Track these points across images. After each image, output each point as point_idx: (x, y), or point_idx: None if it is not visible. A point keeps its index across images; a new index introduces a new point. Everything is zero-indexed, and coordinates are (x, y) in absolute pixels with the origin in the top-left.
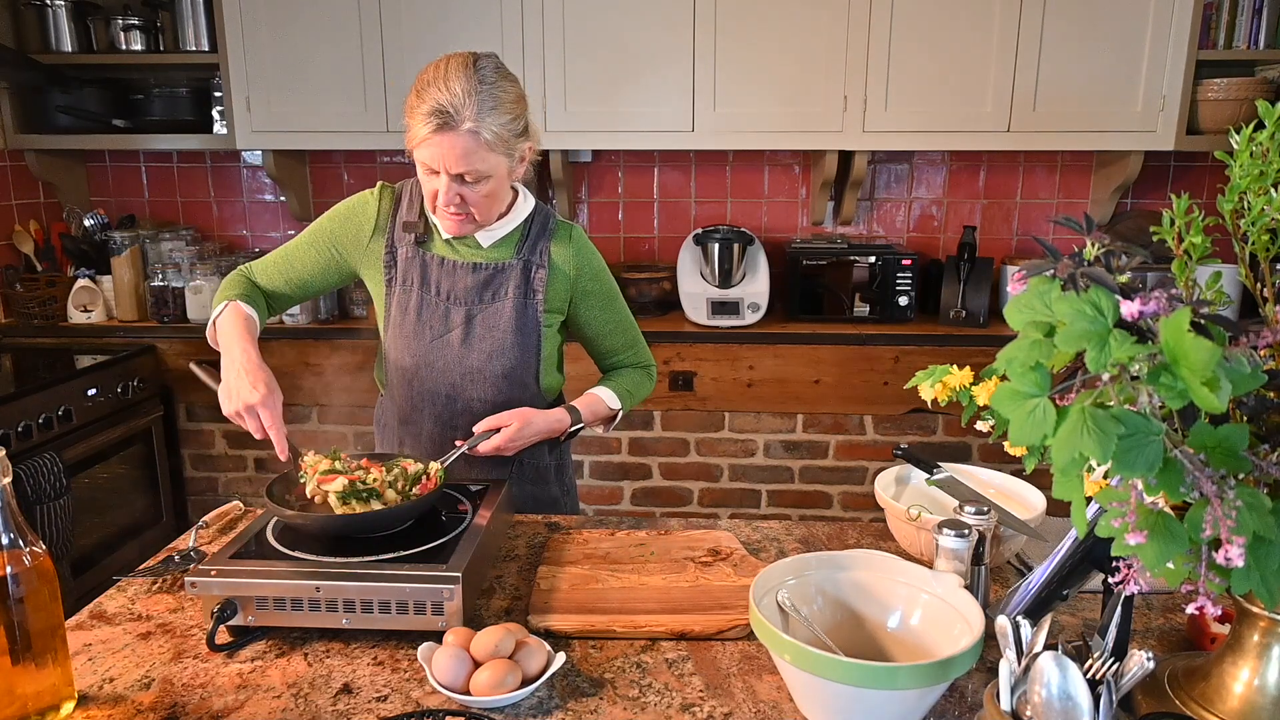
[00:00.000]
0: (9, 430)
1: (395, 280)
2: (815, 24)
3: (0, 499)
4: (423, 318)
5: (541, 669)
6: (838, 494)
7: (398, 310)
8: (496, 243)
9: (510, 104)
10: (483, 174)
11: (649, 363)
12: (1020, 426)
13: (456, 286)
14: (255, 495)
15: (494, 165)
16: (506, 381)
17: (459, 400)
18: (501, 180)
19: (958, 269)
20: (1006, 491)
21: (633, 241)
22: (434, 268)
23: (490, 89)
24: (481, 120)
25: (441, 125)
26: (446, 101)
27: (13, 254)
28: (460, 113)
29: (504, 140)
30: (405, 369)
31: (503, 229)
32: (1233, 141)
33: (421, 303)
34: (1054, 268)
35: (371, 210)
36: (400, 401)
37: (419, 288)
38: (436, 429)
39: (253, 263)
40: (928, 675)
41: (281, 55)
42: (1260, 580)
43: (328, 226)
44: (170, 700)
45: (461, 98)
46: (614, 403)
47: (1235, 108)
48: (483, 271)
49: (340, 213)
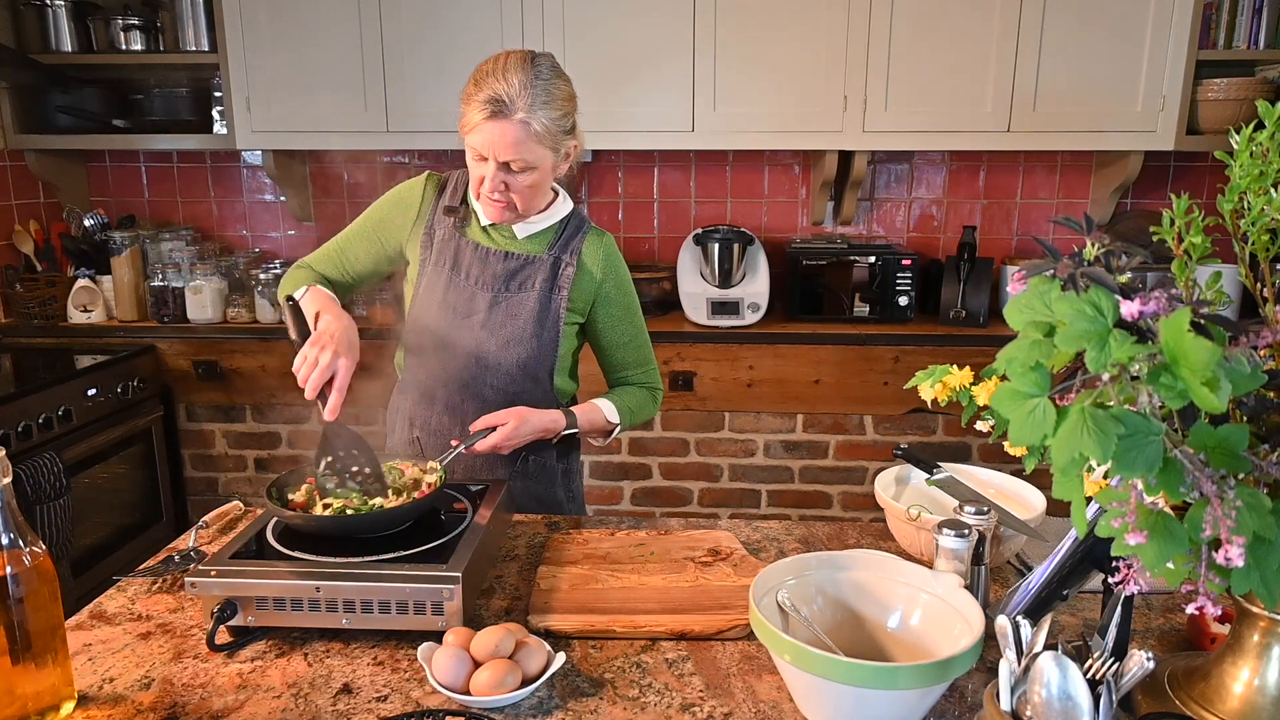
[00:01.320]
0: (9, 430)
1: (429, 261)
2: (815, 24)
3: (0, 499)
4: (448, 299)
5: (541, 669)
6: (838, 494)
7: (426, 290)
8: (531, 236)
9: (562, 101)
10: (529, 164)
11: (656, 386)
12: (1020, 426)
13: (486, 273)
14: (255, 495)
15: (540, 157)
16: (521, 373)
17: (471, 387)
18: (545, 173)
19: (958, 269)
20: (1006, 491)
21: (633, 241)
22: (467, 252)
23: (545, 84)
24: (534, 112)
25: (495, 113)
26: (503, 91)
27: (13, 254)
28: (515, 103)
29: (552, 134)
30: (424, 349)
31: (540, 224)
32: (1233, 141)
33: (449, 284)
34: (1054, 268)
35: (418, 195)
36: (413, 388)
37: (450, 269)
38: (447, 418)
39: (308, 257)
40: (928, 675)
41: (281, 55)
42: (1260, 580)
43: (376, 214)
44: (170, 700)
45: (518, 89)
46: (613, 416)
47: (1235, 108)
48: (513, 261)
49: (389, 199)
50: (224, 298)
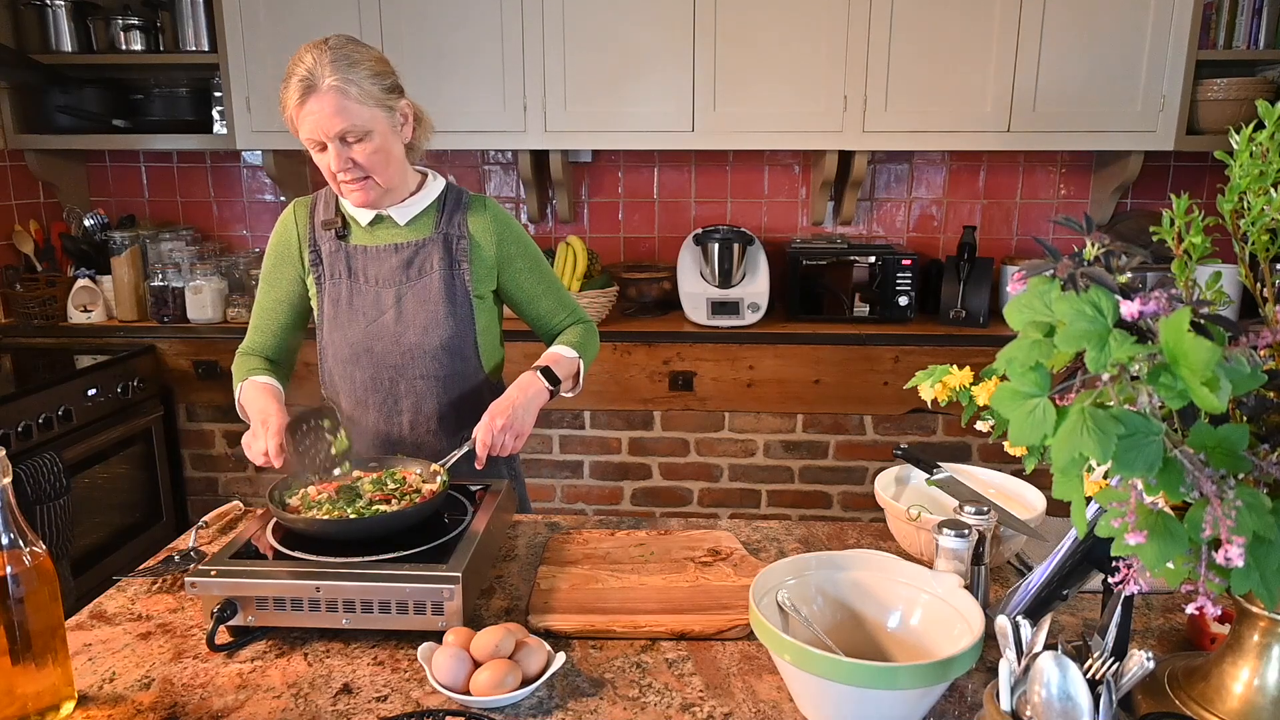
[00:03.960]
0: (9, 430)
1: (324, 277)
2: (815, 24)
3: (0, 499)
4: (355, 305)
5: (541, 669)
6: (838, 494)
7: (330, 304)
8: (413, 221)
9: (367, 62)
10: (362, 129)
11: (586, 319)
12: (1020, 426)
13: (383, 270)
14: (255, 495)
15: (370, 119)
16: (446, 354)
17: (402, 383)
18: (385, 136)
19: (958, 269)
20: (1006, 491)
21: (633, 241)
22: (358, 256)
23: (340, 51)
24: (340, 75)
25: (306, 91)
26: (304, 70)
27: (13, 254)
28: (316, 74)
29: (371, 94)
30: (344, 361)
31: (416, 205)
32: (1233, 141)
33: (352, 291)
34: (1054, 268)
35: (290, 225)
36: (343, 401)
37: (347, 278)
38: (381, 421)
39: (244, 342)
40: (928, 675)
41: (281, 55)
42: (1260, 580)
43: (267, 266)
44: (170, 700)
45: (313, 62)
46: (569, 353)
47: (1235, 108)
48: (405, 251)
49: (270, 245)
50: (224, 298)
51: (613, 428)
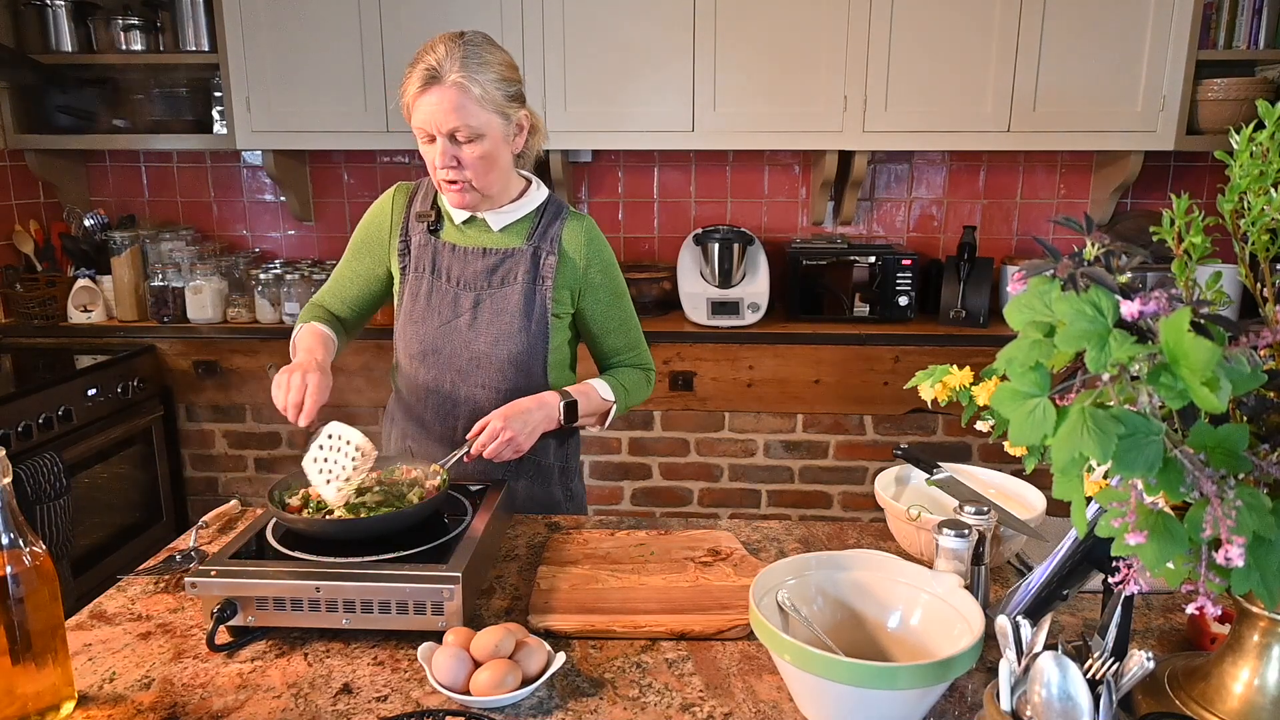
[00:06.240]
0: (9, 430)
1: (409, 268)
2: (815, 24)
3: (0, 499)
4: (432, 303)
5: (541, 669)
6: (838, 494)
7: (409, 297)
8: (507, 228)
9: (497, 65)
10: (475, 131)
11: (649, 366)
12: (1020, 426)
13: (466, 272)
14: (255, 495)
15: (485, 123)
16: (513, 368)
17: (462, 388)
18: (496, 142)
19: (958, 269)
20: (1006, 491)
21: (633, 241)
22: (445, 254)
23: (474, 49)
24: (466, 74)
25: (429, 80)
26: (433, 60)
27: (13, 254)
28: (444, 66)
29: (492, 99)
30: (413, 356)
31: (514, 213)
32: (1233, 141)
33: (431, 288)
34: (1054, 268)
35: (388, 209)
36: (405, 394)
37: (430, 274)
38: (438, 422)
39: (319, 293)
40: (928, 675)
41: (281, 55)
42: (1260, 580)
43: (357, 239)
44: (170, 700)
45: (444, 55)
46: (607, 394)
47: (1235, 108)
48: (492, 257)
49: (364, 221)
50: (224, 298)
51: (613, 427)
